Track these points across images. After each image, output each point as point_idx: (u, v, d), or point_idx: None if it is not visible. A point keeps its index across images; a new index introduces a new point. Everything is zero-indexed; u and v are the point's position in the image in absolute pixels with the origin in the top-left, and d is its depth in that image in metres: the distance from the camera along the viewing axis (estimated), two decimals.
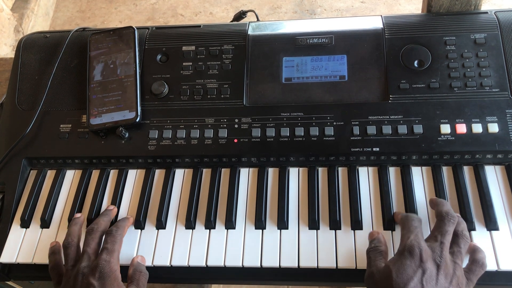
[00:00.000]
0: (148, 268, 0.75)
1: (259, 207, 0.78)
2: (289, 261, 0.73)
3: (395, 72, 0.83)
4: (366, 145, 0.78)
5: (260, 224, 0.77)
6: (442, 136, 0.77)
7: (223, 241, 0.76)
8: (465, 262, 0.69)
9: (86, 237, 0.74)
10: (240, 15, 1.14)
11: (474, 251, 0.69)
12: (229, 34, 0.90)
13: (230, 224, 0.77)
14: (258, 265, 0.74)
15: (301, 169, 0.82)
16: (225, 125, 0.83)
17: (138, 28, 0.92)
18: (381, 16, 0.89)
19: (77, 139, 0.85)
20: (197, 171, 0.83)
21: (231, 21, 1.14)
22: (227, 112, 0.84)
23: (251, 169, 0.83)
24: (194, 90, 0.86)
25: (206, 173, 0.84)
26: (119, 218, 0.81)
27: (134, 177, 0.85)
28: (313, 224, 0.76)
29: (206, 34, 0.91)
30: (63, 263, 0.74)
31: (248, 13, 1.15)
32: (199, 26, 0.93)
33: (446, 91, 0.80)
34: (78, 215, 0.80)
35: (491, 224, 0.72)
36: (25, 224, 0.82)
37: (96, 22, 2.18)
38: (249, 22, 0.93)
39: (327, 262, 0.73)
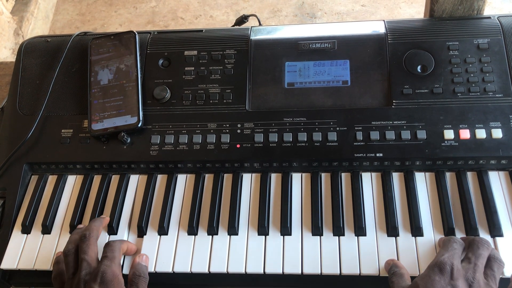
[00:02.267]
0: (150, 274, 0.75)
1: (262, 213, 0.78)
2: (292, 268, 0.73)
3: (398, 77, 0.82)
4: (370, 150, 0.78)
5: (263, 230, 0.76)
6: (446, 142, 0.77)
7: (225, 247, 0.76)
8: None
9: (80, 245, 0.73)
10: (242, 20, 1.14)
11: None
12: (231, 38, 0.90)
13: (232, 230, 0.77)
14: (261, 271, 0.73)
15: (304, 174, 0.82)
16: (227, 130, 0.82)
17: (140, 33, 0.92)
18: (384, 21, 0.89)
19: (78, 144, 0.85)
20: (200, 176, 0.83)
21: (233, 26, 1.14)
22: (229, 117, 0.83)
23: (253, 175, 0.83)
24: (196, 95, 0.86)
25: (209, 178, 0.83)
26: (120, 223, 0.80)
27: (136, 182, 0.84)
28: (317, 230, 0.75)
29: (208, 39, 0.91)
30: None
31: (250, 18, 1.15)
32: (201, 30, 0.93)
33: (449, 96, 0.80)
34: (81, 226, 0.79)
35: (495, 230, 0.72)
36: (26, 230, 0.81)
37: (96, 25, 2.17)
38: (251, 26, 0.93)
39: (330, 268, 0.72)
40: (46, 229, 0.81)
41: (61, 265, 0.74)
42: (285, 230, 0.76)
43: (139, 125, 0.83)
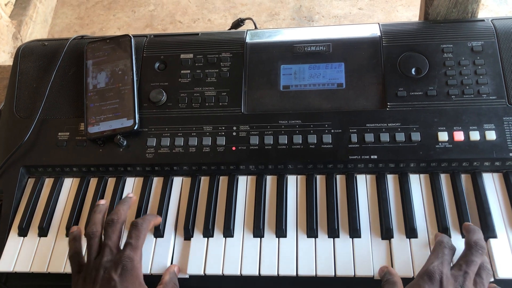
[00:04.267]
0: (146, 276, 0.75)
1: (257, 215, 0.78)
2: (287, 270, 0.73)
3: (392, 80, 0.83)
4: (364, 152, 0.79)
5: (258, 232, 0.76)
6: (440, 144, 0.77)
7: (221, 250, 0.76)
8: None
9: (106, 229, 0.73)
10: (238, 23, 1.15)
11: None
12: (227, 42, 0.91)
13: (228, 232, 0.77)
14: (257, 273, 0.74)
15: (299, 176, 0.82)
16: (223, 133, 0.83)
17: (136, 36, 0.93)
18: (379, 24, 0.89)
19: (75, 147, 0.85)
20: (195, 179, 0.83)
21: (229, 29, 1.15)
22: (225, 120, 0.84)
23: (249, 177, 0.83)
24: (192, 98, 0.86)
25: (204, 181, 0.84)
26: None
27: (132, 185, 0.85)
28: (311, 232, 0.75)
29: (204, 42, 0.91)
30: (82, 252, 0.74)
31: (246, 21, 1.15)
32: (197, 34, 0.93)
33: (443, 98, 0.80)
34: (102, 201, 0.79)
35: (489, 231, 0.72)
36: (23, 232, 0.82)
37: (94, 29, 2.18)
38: (247, 30, 0.93)
39: (325, 270, 0.72)
40: (43, 232, 0.81)
41: (78, 244, 0.74)
42: (280, 232, 0.76)
43: (135, 128, 0.84)
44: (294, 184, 0.81)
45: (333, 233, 0.75)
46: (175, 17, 2.16)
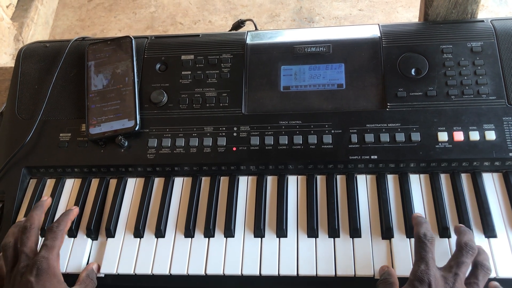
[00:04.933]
0: (147, 276, 0.76)
1: (258, 215, 0.78)
2: (288, 269, 0.73)
3: (392, 80, 0.83)
4: (364, 153, 0.79)
5: (259, 232, 0.77)
6: (440, 144, 0.78)
7: (222, 250, 0.76)
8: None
9: (20, 236, 0.72)
10: (239, 24, 1.15)
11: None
12: (227, 43, 0.91)
13: (229, 232, 0.77)
14: (257, 273, 0.74)
15: (299, 177, 0.82)
16: (224, 134, 0.83)
17: (137, 37, 0.93)
18: (379, 24, 0.89)
19: (76, 148, 0.86)
20: (196, 179, 0.83)
21: (230, 30, 1.15)
22: (225, 121, 0.84)
23: (250, 177, 0.83)
24: (193, 99, 0.87)
25: (205, 181, 0.84)
26: (118, 225, 0.81)
27: (133, 185, 0.85)
28: (312, 232, 0.76)
29: (204, 43, 0.92)
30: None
31: (247, 22, 1.16)
32: (198, 35, 0.94)
33: (443, 99, 0.81)
34: (22, 219, 0.79)
35: (489, 231, 0.73)
36: None
37: (95, 30, 2.19)
38: (248, 31, 0.94)
39: (325, 270, 0.73)
40: (44, 233, 0.81)
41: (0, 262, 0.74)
42: (281, 232, 0.76)
43: (136, 129, 0.84)
44: (294, 184, 0.82)
45: (333, 233, 0.75)
46: (176, 18, 2.17)
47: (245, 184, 0.83)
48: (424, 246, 0.66)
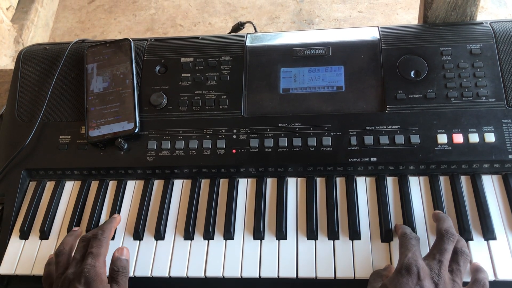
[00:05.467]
0: (146, 279, 0.75)
1: (257, 217, 0.78)
2: (287, 272, 0.73)
3: (392, 83, 0.83)
4: (364, 155, 0.79)
5: (258, 234, 0.77)
6: (439, 146, 0.78)
7: (221, 252, 0.76)
8: (467, 277, 0.69)
9: (78, 245, 0.74)
10: (238, 27, 1.15)
11: (476, 271, 0.69)
12: (227, 45, 0.91)
13: (228, 234, 0.77)
14: (257, 275, 0.74)
15: (299, 179, 0.82)
16: (223, 136, 0.83)
17: (136, 40, 0.93)
18: (378, 27, 0.90)
19: (76, 151, 0.86)
20: (196, 181, 0.83)
21: (229, 33, 1.15)
22: (225, 123, 0.84)
23: (249, 180, 0.83)
24: (192, 101, 0.87)
25: (205, 183, 0.84)
26: (118, 228, 0.81)
27: (133, 188, 0.85)
28: (312, 235, 0.76)
29: (204, 46, 0.92)
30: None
31: (246, 24, 1.16)
32: (198, 37, 0.94)
33: (442, 101, 0.81)
34: (76, 228, 0.80)
35: (488, 233, 0.73)
36: (24, 235, 0.82)
37: (95, 32, 2.19)
38: (247, 33, 0.94)
39: (325, 272, 0.73)
40: (44, 235, 0.82)
41: (51, 267, 0.75)
42: (281, 234, 0.76)
43: (136, 131, 0.84)
44: (294, 186, 0.82)
45: (333, 235, 0.75)
46: (176, 20, 2.17)
47: (244, 187, 0.83)
48: (411, 241, 0.68)
